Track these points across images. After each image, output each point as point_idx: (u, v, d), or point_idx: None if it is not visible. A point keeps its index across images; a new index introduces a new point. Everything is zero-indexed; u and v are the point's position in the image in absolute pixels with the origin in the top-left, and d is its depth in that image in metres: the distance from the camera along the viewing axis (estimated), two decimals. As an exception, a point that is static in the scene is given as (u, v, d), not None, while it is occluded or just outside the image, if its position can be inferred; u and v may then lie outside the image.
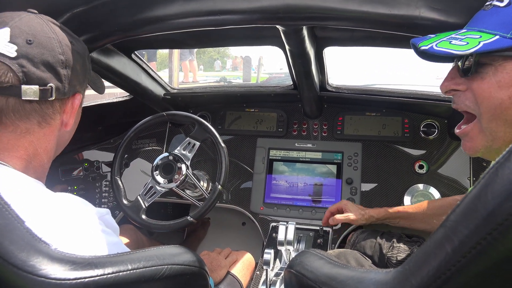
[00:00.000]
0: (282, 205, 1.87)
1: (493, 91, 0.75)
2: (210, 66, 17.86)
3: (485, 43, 0.72)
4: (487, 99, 0.76)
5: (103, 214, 0.80)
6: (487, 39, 0.73)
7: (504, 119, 0.75)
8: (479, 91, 0.77)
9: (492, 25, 0.75)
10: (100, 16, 1.08)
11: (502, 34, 0.72)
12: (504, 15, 0.74)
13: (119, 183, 1.57)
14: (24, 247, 0.51)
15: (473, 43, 0.73)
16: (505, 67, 0.73)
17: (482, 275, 0.35)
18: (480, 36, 0.75)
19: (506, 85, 0.73)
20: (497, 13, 0.76)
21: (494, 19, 0.76)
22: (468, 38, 0.75)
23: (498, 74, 0.74)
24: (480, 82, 0.77)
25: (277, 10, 0.98)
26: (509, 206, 0.33)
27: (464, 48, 0.73)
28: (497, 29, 0.74)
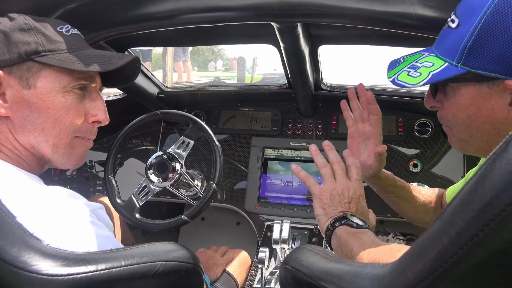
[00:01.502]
0: (276, 204, 1.87)
1: (455, 111, 0.81)
2: (205, 67, 17.86)
3: (433, 73, 0.77)
4: (453, 116, 0.83)
5: (96, 207, 0.80)
6: (437, 68, 0.77)
7: (470, 133, 0.82)
8: (447, 110, 0.84)
9: (443, 50, 0.79)
10: (93, 12, 1.08)
11: (450, 61, 0.76)
12: (452, 39, 0.76)
13: (112, 182, 1.55)
14: (15, 243, 0.50)
15: (424, 74, 0.78)
16: (461, 90, 0.78)
17: (479, 266, 0.35)
18: (433, 64, 0.79)
19: (463, 107, 0.79)
20: (448, 35, 0.78)
21: (446, 42, 0.79)
22: (423, 67, 0.80)
23: (456, 96, 0.79)
24: (447, 102, 0.83)
25: (272, 7, 0.98)
26: (506, 196, 0.32)
27: (416, 81, 0.78)
28: (446, 55, 0.77)
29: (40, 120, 0.86)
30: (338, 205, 1.02)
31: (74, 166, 0.98)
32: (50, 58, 0.84)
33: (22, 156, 0.87)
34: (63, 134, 0.90)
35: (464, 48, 0.73)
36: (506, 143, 0.35)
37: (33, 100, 0.84)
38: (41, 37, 0.84)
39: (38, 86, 0.85)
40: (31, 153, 0.88)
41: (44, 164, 0.94)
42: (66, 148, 0.92)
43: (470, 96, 0.77)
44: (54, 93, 0.86)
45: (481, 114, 0.77)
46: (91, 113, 0.95)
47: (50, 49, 0.85)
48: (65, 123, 0.89)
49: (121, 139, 1.59)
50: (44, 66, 0.85)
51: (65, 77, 0.87)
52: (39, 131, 0.87)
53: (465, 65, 0.73)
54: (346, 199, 1.03)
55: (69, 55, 0.87)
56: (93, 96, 0.96)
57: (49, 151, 0.89)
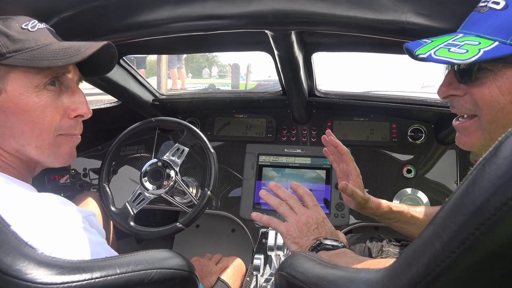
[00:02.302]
0: (271, 211, 1.87)
1: (494, 96, 0.74)
2: (199, 73, 17.88)
3: (485, 50, 0.70)
4: (488, 103, 0.75)
5: (88, 214, 0.79)
6: (486, 46, 0.71)
7: (505, 123, 0.75)
8: (479, 96, 0.76)
9: (490, 30, 0.73)
10: (89, 20, 1.08)
11: (502, 40, 0.71)
12: (501, 19, 0.72)
13: (107, 190, 1.55)
14: (9, 251, 0.50)
15: (473, 51, 0.71)
16: (505, 73, 0.72)
17: (471, 270, 0.36)
18: (479, 42, 0.73)
19: (507, 91, 0.73)
20: (494, 17, 0.74)
21: (491, 23, 0.74)
22: (467, 45, 0.73)
23: (499, 79, 0.73)
24: (480, 87, 0.76)
25: (266, 15, 0.99)
26: (496, 200, 0.33)
27: (464, 56, 0.71)
28: (496, 34, 0.72)
29: (18, 124, 0.83)
30: (309, 234, 1.05)
31: (64, 164, 0.94)
32: (15, 59, 0.80)
33: (9, 163, 0.85)
34: (44, 134, 0.86)
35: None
36: (495, 149, 0.35)
37: (6, 105, 0.82)
38: (3, 39, 0.81)
39: (9, 90, 0.81)
40: (17, 157, 0.86)
41: (35, 167, 0.92)
42: (51, 148, 0.89)
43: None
44: (27, 94, 0.83)
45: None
46: (72, 108, 0.91)
47: (15, 50, 0.81)
48: (44, 123, 0.86)
49: (115, 147, 1.59)
50: (11, 68, 0.81)
51: (35, 76, 0.84)
52: (19, 135, 0.84)
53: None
54: (313, 225, 1.05)
55: (35, 53, 0.83)
56: (71, 90, 0.92)
57: (34, 154, 0.86)
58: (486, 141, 0.80)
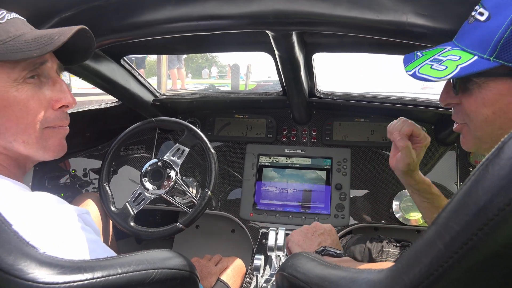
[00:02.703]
0: (271, 211, 1.87)
1: (479, 107, 0.77)
2: (199, 74, 17.88)
3: (462, 66, 0.73)
4: (474, 113, 0.79)
5: (82, 212, 0.79)
6: (465, 61, 0.74)
7: (490, 131, 0.78)
8: (467, 106, 0.80)
9: (472, 43, 0.76)
10: (89, 20, 1.08)
11: (480, 54, 0.73)
12: (482, 32, 0.74)
13: (107, 190, 1.55)
14: (11, 251, 0.50)
15: (451, 68, 0.74)
16: (488, 85, 0.75)
17: (474, 270, 0.36)
18: (460, 57, 0.75)
19: (489, 103, 0.75)
20: (477, 29, 0.75)
21: (474, 35, 0.76)
22: (448, 61, 0.76)
23: (482, 91, 0.76)
24: (469, 98, 0.79)
25: (267, 15, 0.99)
26: (499, 201, 0.33)
27: (442, 74, 0.74)
28: (475, 49, 0.74)
29: (1, 120, 0.81)
30: (313, 239, 1.08)
31: (54, 156, 0.92)
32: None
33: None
34: (30, 129, 0.84)
35: (498, 41, 0.70)
36: (498, 149, 0.35)
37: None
38: None
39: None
40: (6, 155, 0.84)
41: (25, 163, 0.90)
42: (39, 142, 0.86)
43: (498, 91, 0.74)
44: (6, 89, 0.80)
45: (508, 110, 0.74)
46: (54, 99, 0.88)
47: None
48: (28, 118, 0.83)
49: (115, 147, 1.59)
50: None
51: (11, 69, 0.80)
52: (4, 132, 0.82)
53: (499, 58, 0.70)
54: (319, 231, 1.10)
55: (7, 45, 0.79)
56: (51, 81, 0.88)
57: (22, 149, 0.84)
58: (477, 145, 0.85)
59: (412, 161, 1.08)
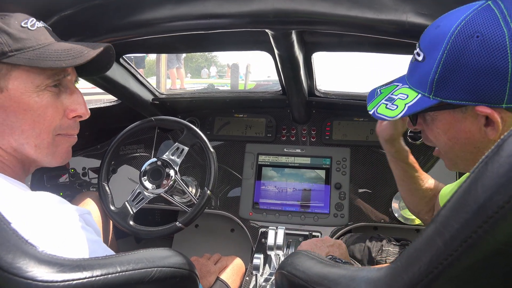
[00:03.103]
0: (271, 210, 1.87)
1: (436, 135, 0.85)
2: (198, 73, 17.87)
3: (409, 105, 0.80)
4: (435, 140, 0.87)
5: (83, 212, 0.80)
6: (411, 100, 0.80)
7: (455, 154, 0.85)
8: (428, 133, 0.88)
9: (415, 82, 0.81)
10: (89, 18, 1.08)
11: (422, 93, 0.78)
12: (420, 72, 0.79)
13: (106, 189, 1.55)
14: (10, 249, 0.50)
15: (401, 107, 0.81)
16: (438, 117, 0.81)
17: (473, 268, 0.36)
18: (407, 96, 0.82)
19: (443, 131, 0.82)
20: (417, 68, 0.81)
21: (416, 74, 0.81)
22: (399, 100, 0.83)
23: (435, 122, 0.83)
24: (427, 128, 0.87)
25: (267, 14, 0.99)
26: (499, 199, 0.33)
27: (393, 114, 0.81)
28: (418, 87, 0.80)
29: (18, 123, 0.83)
30: (322, 248, 1.13)
31: (61, 163, 0.95)
32: (18, 58, 0.80)
33: (5, 162, 0.85)
34: (44, 134, 0.87)
35: (432, 81, 0.76)
36: (497, 147, 0.35)
37: (7, 103, 0.81)
38: (5, 37, 0.80)
39: (10, 89, 0.81)
40: (14, 156, 0.86)
41: (30, 166, 0.92)
42: (49, 147, 0.89)
43: (447, 122, 0.80)
44: (28, 94, 0.83)
45: (460, 136, 0.80)
46: (70, 108, 0.91)
47: (17, 48, 0.81)
48: (44, 123, 0.86)
49: (115, 146, 1.59)
50: (13, 67, 0.81)
51: (37, 75, 0.83)
52: (19, 134, 0.84)
53: (437, 96, 0.76)
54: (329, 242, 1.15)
55: (37, 52, 0.83)
56: (69, 91, 0.92)
57: (32, 152, 0.87)
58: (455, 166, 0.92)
59: (397, 131, 1.20)
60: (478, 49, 0.70)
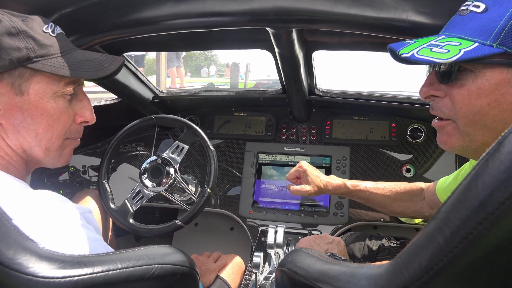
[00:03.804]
0: (271, 209, 1.87)
1: (472, 98, 0.75)
2: (197, 72, 17.85)
3: (466, 50, 0.72)
4: (466, 105, 0.77)
5: (84, 210, 0.81)
6: (467, 46, 0.72)
7: (483, 124, 0.76)
8: (458, 98, 0.78)
9: (471, 32, 0.75)
10: (89, 16, 1.08)
11: (481, 41, 0.72)
12: (481, 22, 0.74)
13: (106, 186, 1.55)
14: (11, 245, 0.50)
15: (454, 51, 0.72)
16: (485, 74, 0.73)
17: (473, 265, 0.36)
18: (460, 43, 0.74)
19: (485, 92, 0.74)
20: (474, 19, 0.75)
21: (472, 25, 0.75)
22: (449, 45, 0.75)
23: (478, 81, 0.74)
24: (460, 89, 0.77)
25: (267, 12, 0.99)
26: (499, 195, 0.33)
27: (445, 56, 0.72)
28: (476, 36, 0.73)
29: (34, 126, 0.86)
30: (321, 245, 1.12)
31: (63, 165, 0.99)
32: (42, 65, 0.83)
33: (12, 162, 0.87)
34: (55, 138, 0.90)
35: (502, 28, 0.70)
36: (498, 144, 0.36)
37: (26, 106, 0.84)
38: (31, 42, 0.82)
39: (31, 93, 0.84)
40: (21, 157, 0.89)
41: (32, 167, 0.95)
42: (58, 150, 0.93)
43: (496, 81, 0.73)
44: (46, 99, 0.86)
45: (505, 101, 0.73)
46: (79, 114, 0.95)
47: (41, 55, 0.84)
48: (58, 128, 0.90)
49: (115, 144, 1.59)
50: (35, 72, 0.84)
51: (56, 82, 0.87)
52: (33, 136, 0.87)
53: (503, 45, 0.70)
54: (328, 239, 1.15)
55: (60, 60, 0.86)
56: (80, 97, 0.95)
57: (42, 155, 0.90)
58: (466, 143, 0.81)
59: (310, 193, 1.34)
60: None
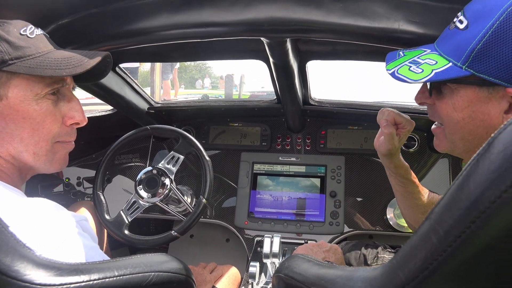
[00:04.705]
0: (266, 219, 1.87)
1: (450, 111, 0.81)
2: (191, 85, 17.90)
3: (437, 72, 0.76)
4: (446, 116, 0.83)
5: (80, 218, 0.80)
6: (440, 66, 0.77)
7: (462, 135, 0.82)
8: (440, 109, 0.84)
9: (448, 50, 0.79)
10: (86, 27, 1.09)
11: (454, 61, 0.76)
12: (460, 39, 0.76)
13: (101, 198, 1.54)
14: (8, 252, 0.50)
15: (427, 71, 0.77)
16: (459, 91, 0.78)
17: (467, 263, 0.36)
18: (436, 62, 0.79)
19: (459, 108, 0.79)
20: (456, 35, 0.78)
21: (452, 42, 0.78)
22: (425, 64, 0.79)
23: (454, 97, 0.79)
24: (441, 101, 0.83)
25: (262, 22, 1.01)
26: (490, 194, 0.34)
27: (418, 77, 0.77)
28: (451, 55, 0.77)
29: (17, 131, 0.83)
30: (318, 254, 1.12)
31: (58, 170, 0.95)
32: (18, 66, 0.80)
33: (3, 169, 0.85)
34: (42, 142, 0.87)
35: (471, 51, 0.72)
36: (488, 144, 0.37)
37: (6, 111, 0.81)
38: (5, 45, 0.80)
39: (10, 97, 0.81)
40: (12, 164, 0.86)
41: (27, 174, 0.92)
42: (48, 154, 0.90)
43: (468, 99, 0.77)
44: (28, 102, 0.83)
45: (477, 117, 0.77)
46: (68, 116, 0.92)
47: (17, 56, 0.81)
48: (43, 131, 0.87)
49: (110, 155, 1.58)
50: (13, 75, 0.81)
51: (36, 84, 0.84)
52: (18, 142, 0.84)
53: (470, 68, 0.73)
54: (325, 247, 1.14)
55: (37, 61, 0.83)
56: (67, 98, 0.92)
57: (31, 160, 0.87)
58: (452, 148, 0.88)
59: (394, 147, 1.14)
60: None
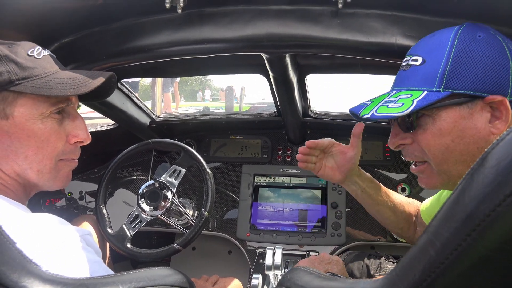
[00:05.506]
0: (268, 231, 1.87)
1: (436, 139, 0.83)
2: (192, 97, 17.99)
3: (417, 100, 0.80)
4: (433, 147, 0.84)
5: (84, 233, 0.81)
6: (417, 96, 0.81)
7: (454, 160, 0.83)
8: (424, 142, 0.85)
9: (417, 83, 0.83)
10: (88, 45, 1.11)
11: (429, 89, 0.80)
12: (423, 72, 0.82)
13: (103, 211, 1.55)
14: (16, 268, 0.51)
15: (408, 103, 0.80)
16: (441, 116, 0.81)
17: (464, 275, 0.37)
18: (411, 95, 0.82)
19: (446, 132, 0.81)
20: (416, 71, 0.84)
21: (416, 77, 0.84)
22: (402, 99, 0.83)
23: (437, 123, 0.82)
24: (423, 134, 0.85)
25: (262, 38, 1.03)
26: (485, 207, 0.35)
27: (401, 109, 0.80)
28: (422, 86, 0.82)
29: (22, 149, 0.85)
30: (320, 266, 1.13)
31: (61, 187, 0.97)
32: (24, 86, 0.82)
33: (8, 186, 0.87)
34: (46, 160, 0.88)
35: (443, 74, 0.79)
36: (482, 159, 0.38)
37: (12, 130, 0.83)
38: (12, 66, 0.82)
39: (16, 116, 0.83)
40: (16, 181, 0.88)
41: (31, 190, 0.93)
42: (51, 172, 0.91)
43: (452, 119, 0.80)
44: (33, 121, 0.85)
45: (466, 135, 0.80)
46: (72, 134, 0.93)
47: (24, 77, 0.83)
48: (48, 149, 0.88)
49: (112, 169, 1.60)
50: (19, 95, 0.83)
51: (42, 103, 0.86)
52: (22, 159, 0.86)
53: (448, 88, 0.79)
54: (327, 260, 1.15)
55: (44, 81, 0.85)
56: (72, 117, 0.94)
57: (34, 177, 0.88)
58: (445, 180, 0.88)
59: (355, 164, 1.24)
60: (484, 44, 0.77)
